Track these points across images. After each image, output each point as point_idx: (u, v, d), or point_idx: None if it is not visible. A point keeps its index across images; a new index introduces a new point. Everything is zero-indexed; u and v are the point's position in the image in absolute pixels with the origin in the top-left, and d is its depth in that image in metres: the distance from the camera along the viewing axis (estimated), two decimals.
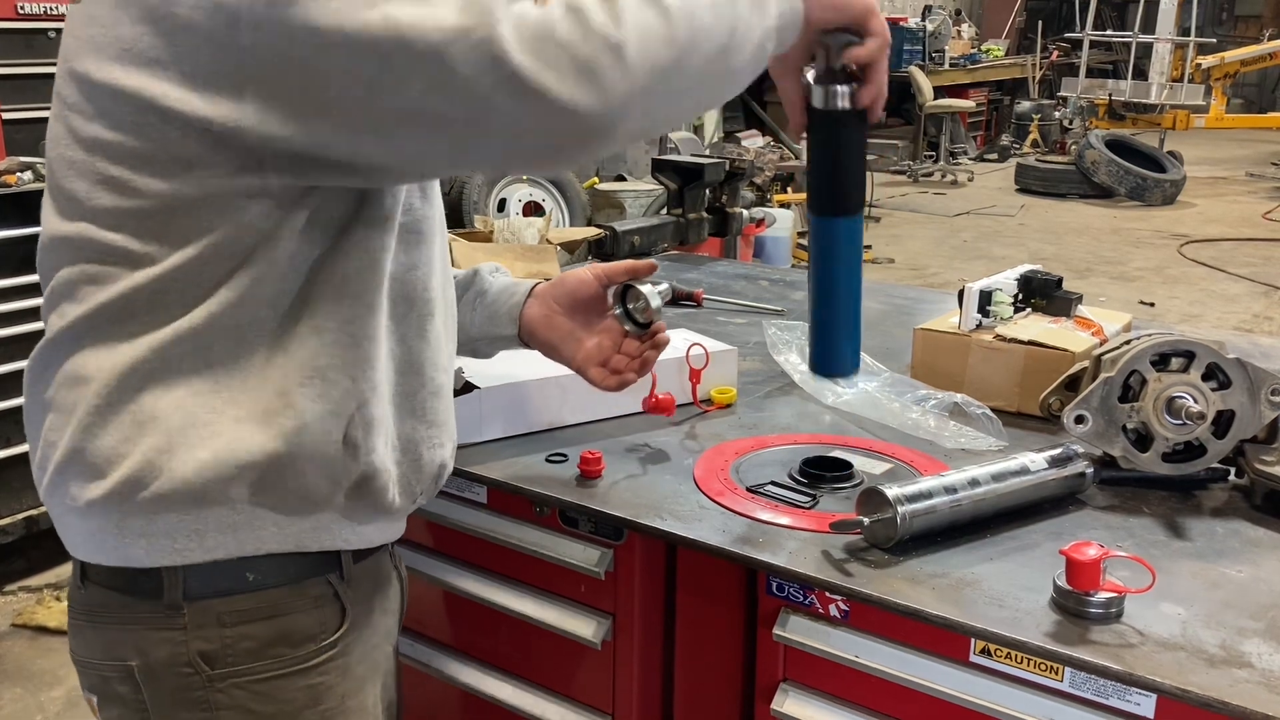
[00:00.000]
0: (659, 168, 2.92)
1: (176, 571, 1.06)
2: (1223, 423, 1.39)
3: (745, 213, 3.01)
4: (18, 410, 1.15)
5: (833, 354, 1.33)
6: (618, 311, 1.45)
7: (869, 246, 8.07)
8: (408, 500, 1.20)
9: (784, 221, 6.63)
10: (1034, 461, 1.36)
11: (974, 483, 1.30)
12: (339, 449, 1.08)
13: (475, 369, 1.59)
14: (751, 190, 6.71)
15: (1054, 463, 1.37)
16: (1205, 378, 1.39)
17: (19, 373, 1.15)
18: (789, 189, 8.23)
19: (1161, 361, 1.40)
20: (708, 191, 2.86)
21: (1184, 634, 1.10)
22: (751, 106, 9.81)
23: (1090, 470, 1.39)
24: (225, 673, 1.08)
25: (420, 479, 1.21)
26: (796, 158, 8.73)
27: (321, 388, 1.06)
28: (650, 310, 1.42)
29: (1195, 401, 1.37)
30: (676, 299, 2.31)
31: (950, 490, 1.28)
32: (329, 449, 1.07)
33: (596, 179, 6.70)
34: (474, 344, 1.50)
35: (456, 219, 5.74)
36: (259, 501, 1.06)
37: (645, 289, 1.41)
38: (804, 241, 7.72)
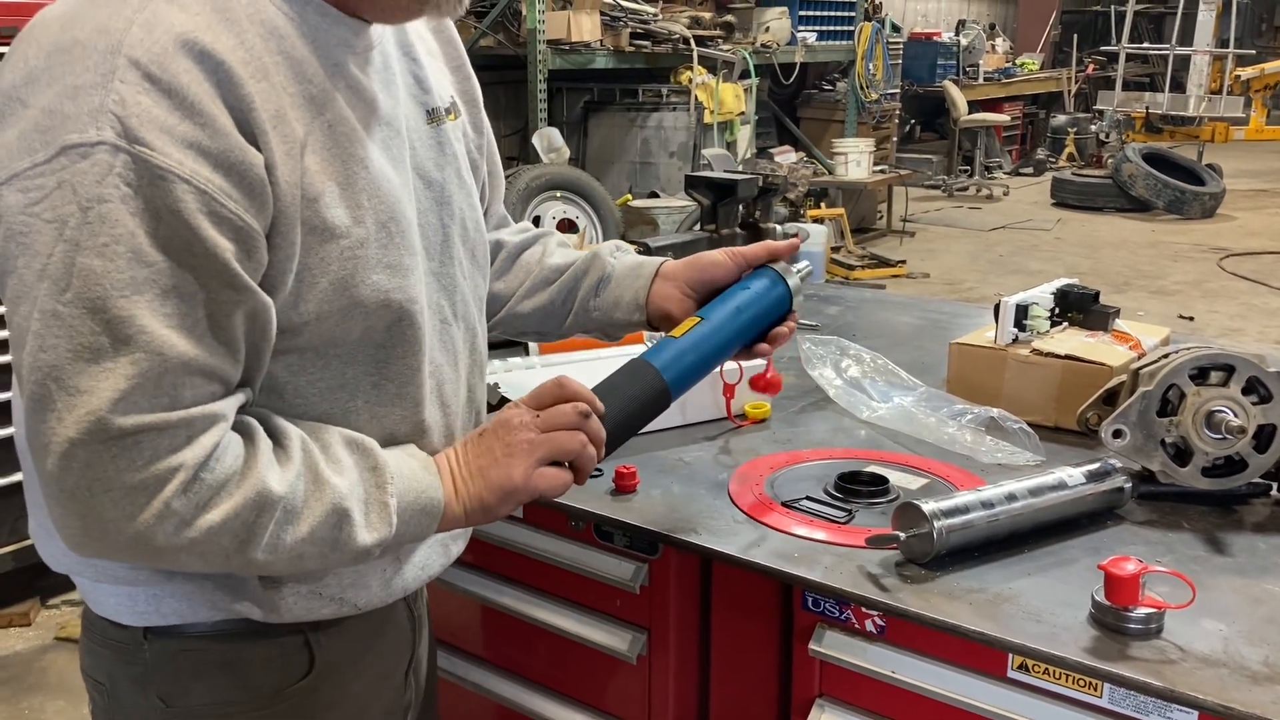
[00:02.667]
0: (692, 184, 2.93)
1: None
2: (1264, 437, 1.38)
3: (779, 228, 3.02)
4: None
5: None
6: None
7: (903, 261, 8.05)
8: (397, 564, 1.17)
9: (817, 237, 6.62)
10: (1071, 476, 1.35)
11: (1011, 497, 1.29)
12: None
13: (510, 382, 1.60)
14: (784, 205, 6.71)
15: (1091, 477, 1.36)
16: (1245, 392, 1.37)
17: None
18: (822, 204, 8.22)
19: (1201, 375, 1.39)
20: (741, 207, 2.87)
21: (1226, 650, 1.08)
22: (784, 122, 9.81)
23: (1128, 485, 1.38)
24: (180, 711, 1.10)
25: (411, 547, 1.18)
26: (830, 173, 8.72)
27: None
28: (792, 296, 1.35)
29: (1235, 415, 1.36)
30: None
31: (987, 505, 1.28)
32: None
33: (630, 196, 6.73)
34: (599, 329, 1.42)
35: None
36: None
37: (791, 279, 1.33)
38: (838, 257, 7.71)
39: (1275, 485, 1.43)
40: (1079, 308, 1.81)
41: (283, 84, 0.96)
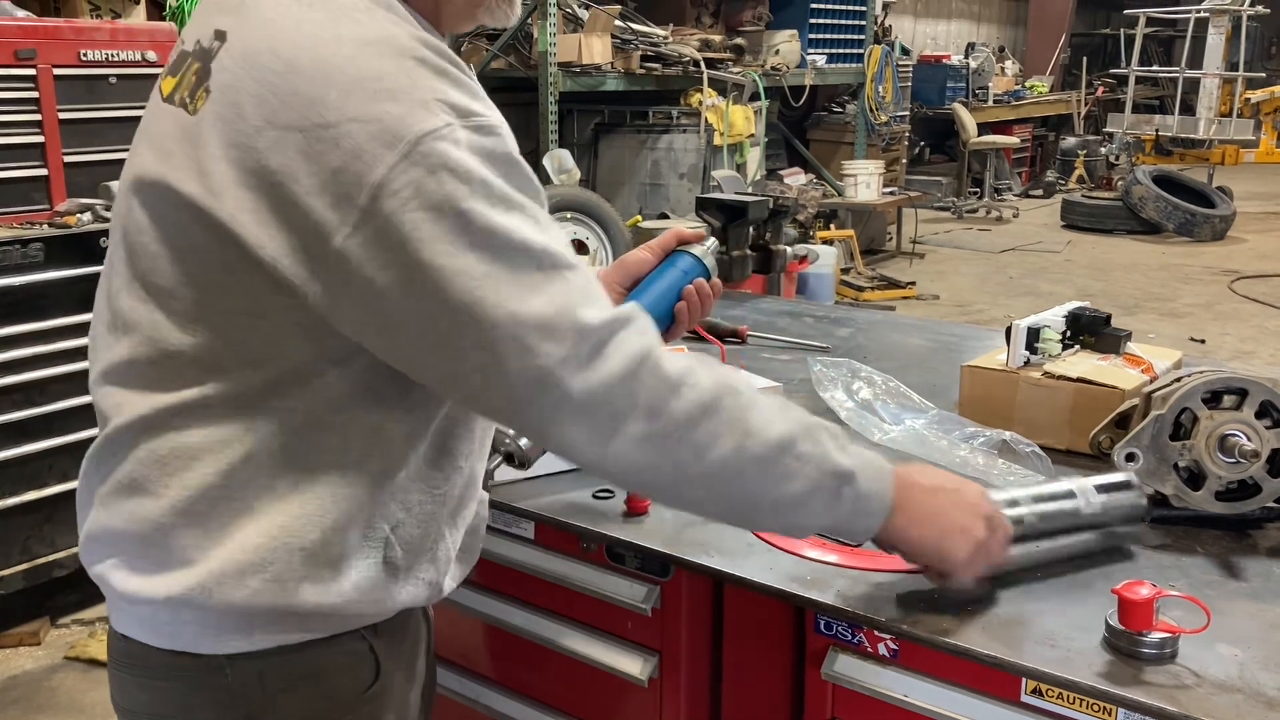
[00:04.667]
0: (703, 205, 2.93)
1: None
2: (1278, 461, 1.37)
3: (789, 250, 3.01)
4: (79, 446, 1.17)
5: None
6: None
7: (913, 283, 8.05)
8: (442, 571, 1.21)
9: (827, 258, 6.63)
10: (1083, 487, 1.35)
11: (1038, 499, 1.31)
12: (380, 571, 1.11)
13: None
14: (794, 227, 6.72)
15: (1106, 489, 1.35)
16: (1259, 415, 1.37)
17: (85, 407, 1.17)
18: (831, 226, 8.23)
19: (1213, 399, 1.39)
20: (751, 229, 2.87)
21: (1241, 676, 1.08)
22: (794, 144, 9.84)
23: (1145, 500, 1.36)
24: None
25: (456, 546, 1.22)
26: (839, 195, 8.73)
27: (364, 530, 1.09)
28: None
29: (1249, 439, 1.36)
30: (722, 336, 2.31)
31: (1012, 504, 1.29)
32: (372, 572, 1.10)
33: (640, 217, 6.75)
34: None
35: None
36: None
37: (697, 250, 1.48)
38: (847, 278, 7.72)
39: None
40: (1091, 330, 1.81)
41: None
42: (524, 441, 1.36)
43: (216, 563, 1.03)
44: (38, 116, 3.42)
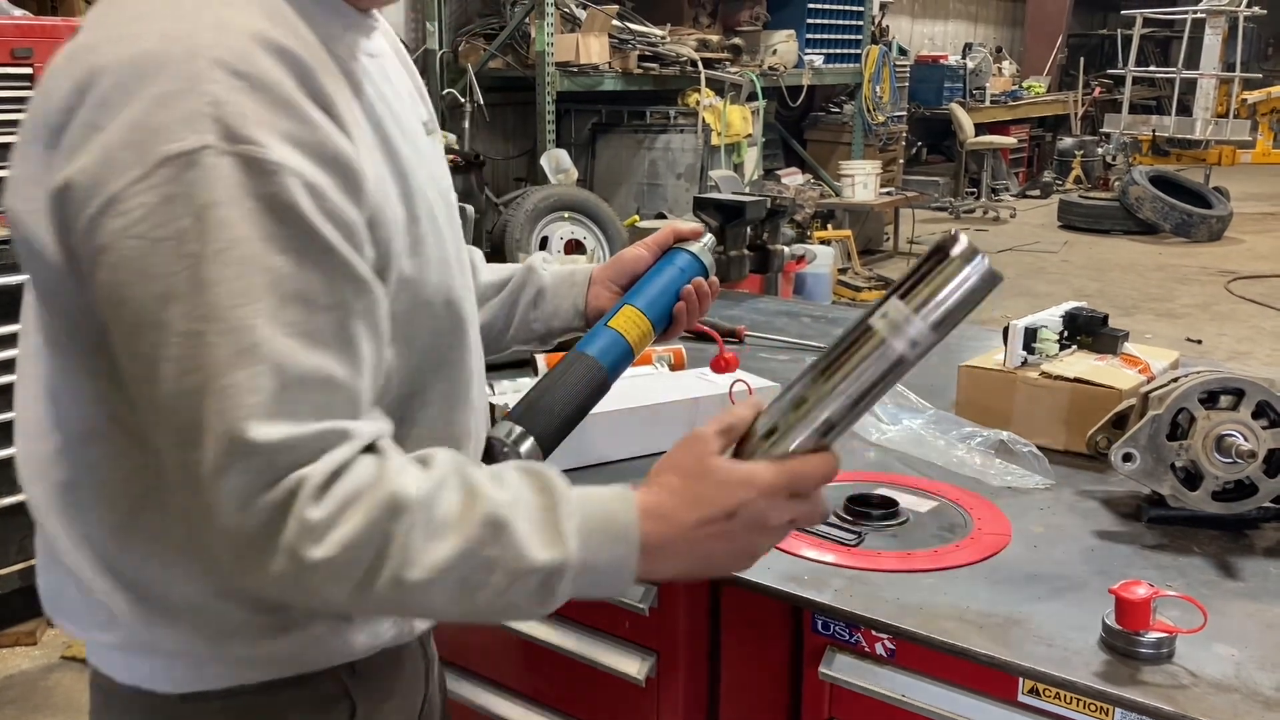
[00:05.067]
0: (700, 205, 2.93)
1: None
2: (1274, 461, 1.38)
3: (786, 250, 3.02)
4: None
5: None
6: None
7: None
8: None
9: (824, 258, 6.63)
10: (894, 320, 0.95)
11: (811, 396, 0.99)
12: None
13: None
14: (792, 227, 6.72)
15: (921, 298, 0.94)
16: (1256, 415, 1.37)
17: None
18: (829, 226, 8.23)
19: (1210, 399, 1.39)
20: (749, 229, 2.87)
21: (1238, 675, 1.08)
22: (792, 144, 9.84)
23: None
24: None
25: None
26: (837, 195, 8.74)
27: None
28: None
29: (1246, 439, 1.36)
30: (719, 336, 2.31)
31: (770, 434, 1.00)
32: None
33: (637, 217, 6.75)
34: (539, 339, 1.48)
35: (499, 256, 5.80)
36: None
37: (694, 247, 1.45)
38: (844, 278, 7.72)
39: None
40: (1088, 331, 1.81)
41: (335, 77, 0.94)
42: (526, 447, 1.22)
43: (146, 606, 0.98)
44: None
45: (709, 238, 1.48)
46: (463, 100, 6.73)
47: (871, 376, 0.95)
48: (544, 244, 6.12)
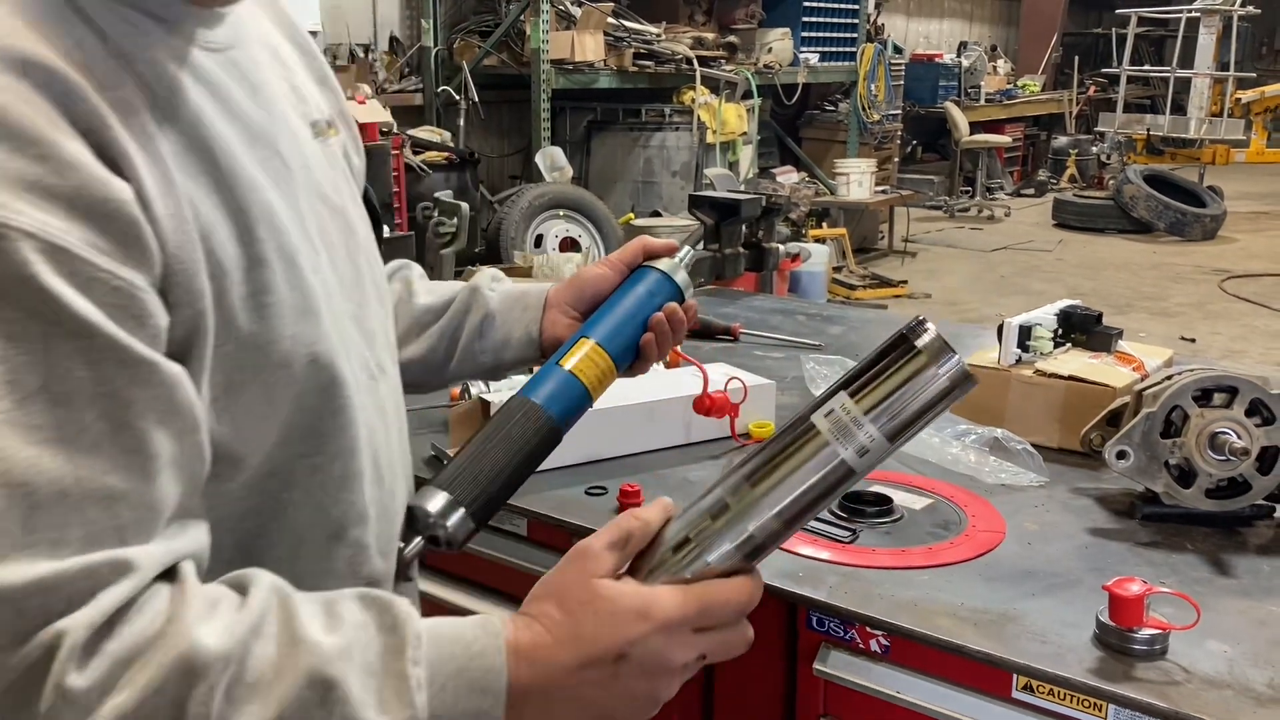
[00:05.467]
0: (696, 203, 2.94)
1: None
2: (1267, 459, 1.38)
3: (781, 248, 3.02)
4: None
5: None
6: None
7: (904, 282, 8.06)
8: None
9: (819, 256, 6.64)
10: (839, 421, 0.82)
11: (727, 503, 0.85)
12: None
13: None
14: (787, 225, 6.73)
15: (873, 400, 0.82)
16: (1249, 413, 1.38)
17: None
18: (824, 224, 8.24)
19: (1204, 397, 1.40)
20: (744, 227, 2.87)
21: (1231, 672, 1.08)
22: (787, 142, 9.85)
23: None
24: None
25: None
26: (832, 193, 8.75)
27: None
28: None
29: (1239, 437, 1.36)
30: (714, 334, 2.32)
31: (681, 546, 0.85)
32: None
33: (632, 215, 6.75)
34: (487, 373, 1.30)
35: (494, 255, 5.80)
36: None
37: (665, 265, 1.20)
38: (839, 277, 7.73)
39: (1279, 507, 1.43)
40: (1082, 329, 1.81)
41: (133, 90, 0.75)
42: (454, 520, 1.00)
43: None
44: None
45: (686, 251, 1.23)
46: (457, 98, 6.73)
47: (810, 487, 0.80)
48: (539, 242, 6.12)
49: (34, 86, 0.68)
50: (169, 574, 0.72)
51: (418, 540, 1.02)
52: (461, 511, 1.01)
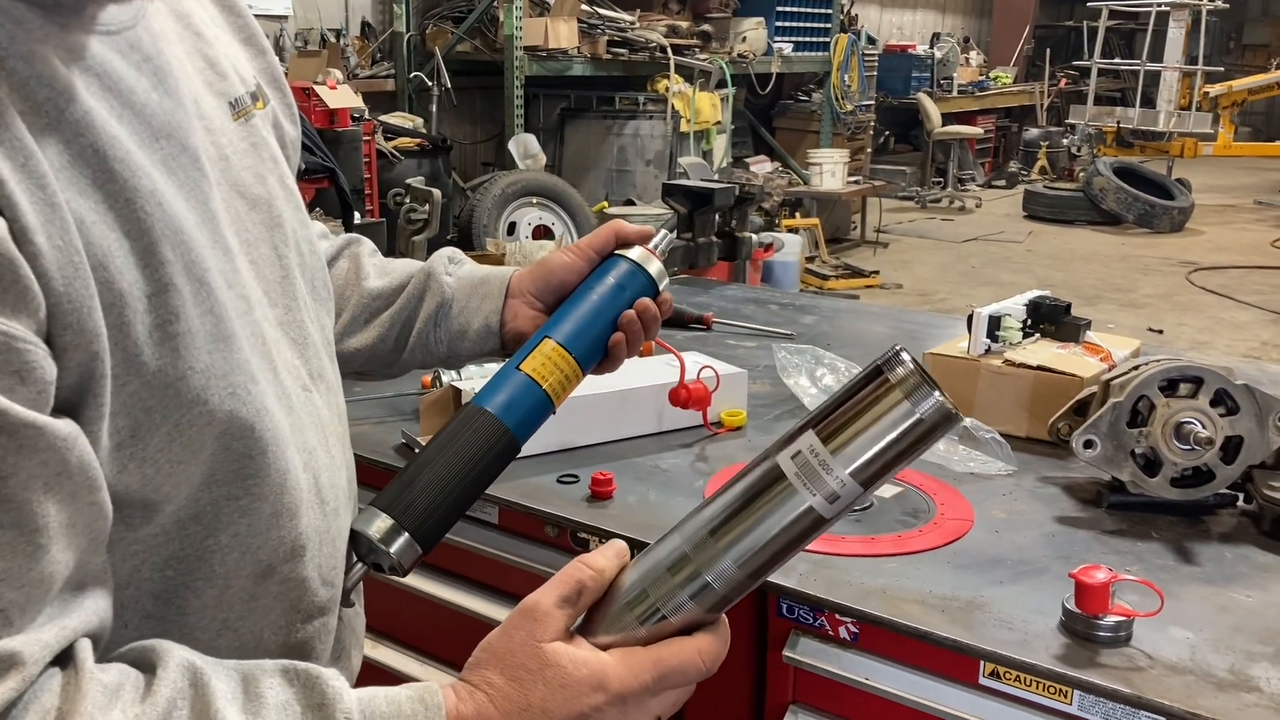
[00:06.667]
0: (669, 192, 2.94)
1: None
2: (1231, 448, 1.40)
3: (754, 237, 3.03)
4: None
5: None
6: None
7: (876, 272, 8.09)
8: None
9: (792, 246, 6.66)
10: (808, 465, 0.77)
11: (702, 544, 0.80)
12: None
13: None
14: (760, 215, 6.74)
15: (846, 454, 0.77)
16: (1214, 403, 1.39)
17: None
18: (797, 214, 8.26)
19: (1170, 387, 1.41)
20: (717, 216, 2.88)
21: (1193, 658, 1.10)
22: (760, 132, 9.86)
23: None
24: None
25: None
26: (805, 183, 8.76)
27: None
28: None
29: (1204, 427, 1.38)
30: (687, 323, 2.32)
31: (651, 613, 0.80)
32: None
33: (606, 203, 6.74)
34: (442, 362, 1.20)
35: (467, 242, 5.78)
36: None
37: (637, 255, 1.11)
38: (812, 267, 7.75)
39: (1242, 496, 1.45)
40: (1051, 319, 1.83)
41: (3, 96, 0.64)
42: (397, 546, 0.92)
43: None
44: None
45: (662, 237, 1.13)
46: (430, 84, 6.69)
47: (776, 538, 0.75)
48: (511, 229, 6.10)
49: None
50: (61, 657, 0.64)
51: (359, 567, 0.94)
52: (406, 537, 0.92)
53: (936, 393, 0.70)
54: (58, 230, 0.64)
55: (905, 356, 0.71)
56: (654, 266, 1.11)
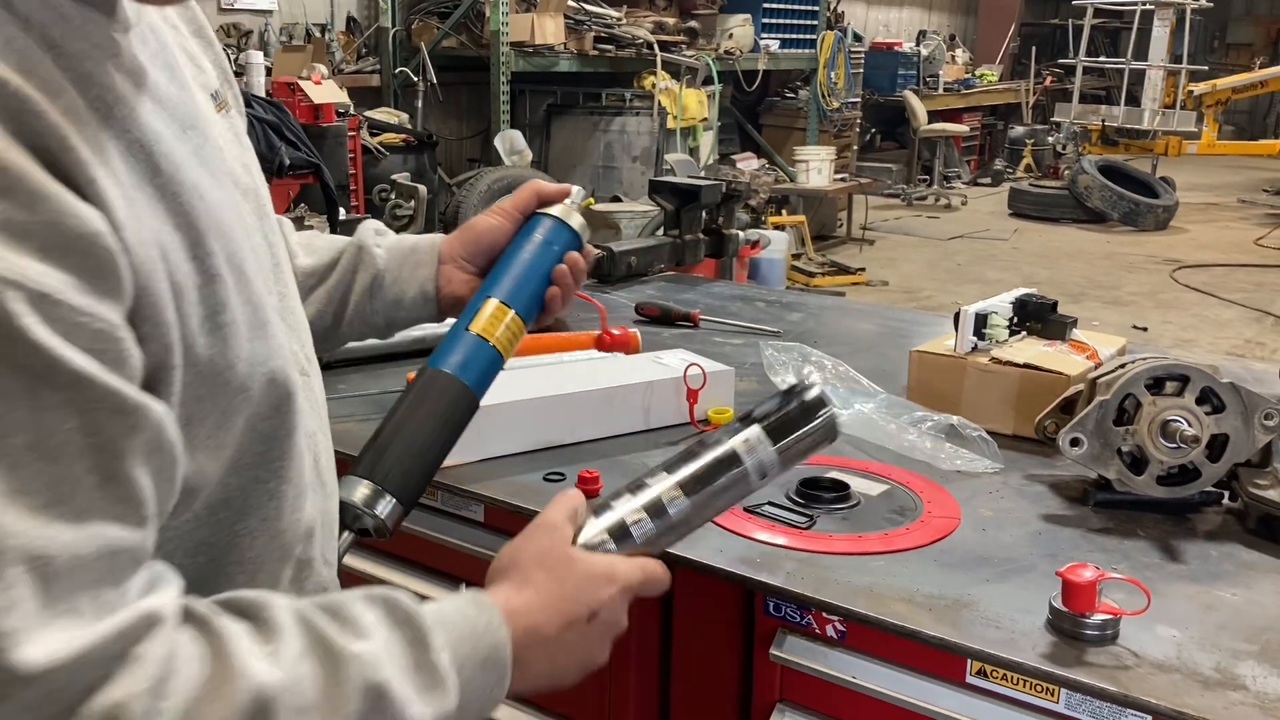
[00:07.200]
0: (656, 189, 2.93)
1: None
2: (1217, 446, 1.40)
3: (740, 234, 3.03)
4: None
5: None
6: None
7: (863, 269, 8.10)
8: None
9: (779, 243, 6.66)
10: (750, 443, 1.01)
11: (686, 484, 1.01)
12: None
13: None
14: (747, 212, 6.74)
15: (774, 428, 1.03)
16: (1199, 402, 1.40)
17: None
18: (783, 211, 8.26)
19: (1156, 385, 1.41)
20: (704, 213, 2.87)
21: (1179, 656, 1.10)
22: (747, 129, 9.85)
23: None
24: None
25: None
26: (791, 180, 8.77)
27: None
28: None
29: (1190, 425, 1.38)
30: (673, 320, 2.31)
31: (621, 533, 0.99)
32: None
33: (592, 200, 6.73)
34: (379, 332, 1.24)
35: None
36: None
37: (559, 211, 1.19)
38: (798, 264, 7.75)
39: (1227, 494, 1.45)
40: (1037, 317, 1.83)
41: (74, 93, 0.66)
42: (382, 508, 0.99)
43: None
44: None
45: (578, 191, 1.21)
46: (415, 79, 6.67)
47: (722, 488, 1.00)
48: None
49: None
50: (185, 616, 0.69)
51: (346, 535, 0.99)
52: (389, 499, 0.99)
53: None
54: (136, 225, 0.67)
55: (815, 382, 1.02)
56: (576, 220, 1.19)
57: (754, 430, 1.00)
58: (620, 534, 0.96)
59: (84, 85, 0.67)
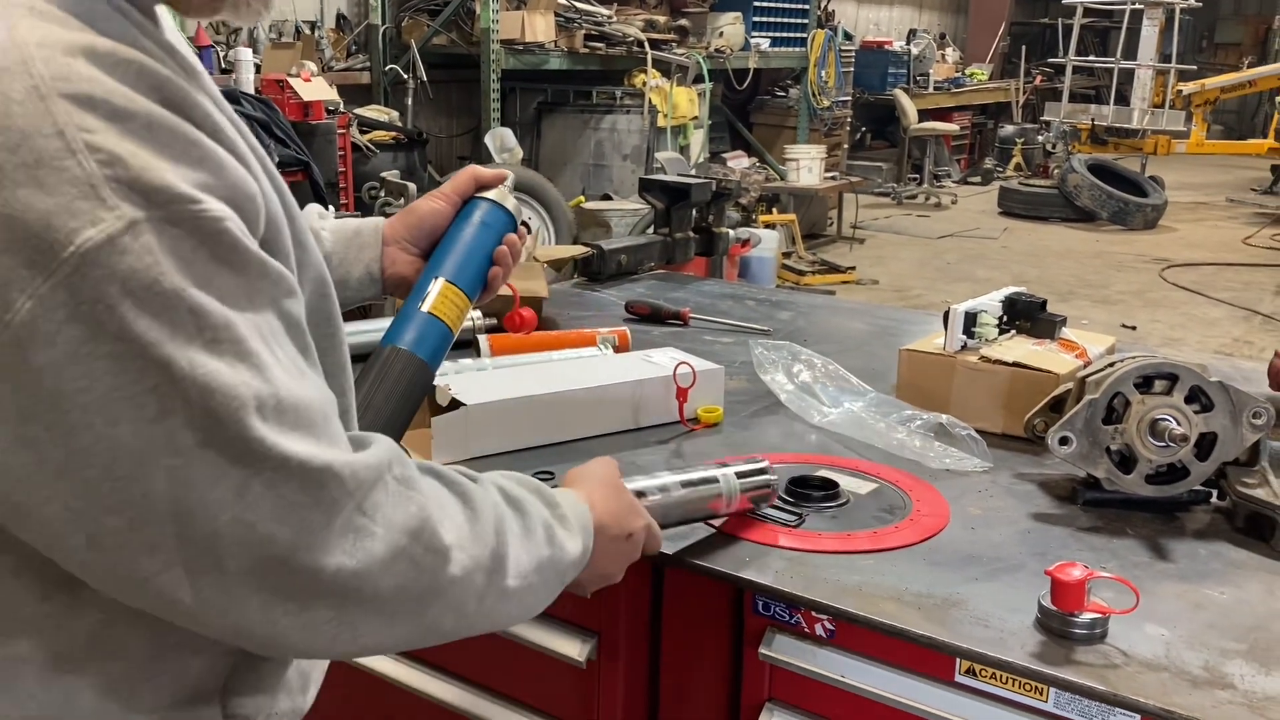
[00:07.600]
0: (646, 187, 2.93)
1: None
2: (1205, 445, 1.40)
3: (731, 233, 3.03)
4: None
5: None
6: None
7: (853, 268, 8.11)
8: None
9: (769, 242, 6.66)
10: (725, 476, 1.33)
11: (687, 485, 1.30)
12: None
13: (462, 385, 1.59)
14: (737, 210, 6.74)
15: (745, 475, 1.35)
16: (1188, 400, 1.40)
17: None
18: (774, 210, 8.27)
19: (1145, 384, 1.41)
20: (694, 211, 2.87)
21: (1168, 655, 1.10)
22: (737, 127, 9.85)
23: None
24: None
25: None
26: (782, 179, 8.77)
27: None
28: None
29: (1178, 424, 1.38)
30: (664, 318, 2.31)
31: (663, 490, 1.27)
32: None
33: (583, 198, 6.73)
34: None
35: None
36: None
37: (495, 195, 1.29)
38: (789, 262, 7.76)
39: (1215, 493, 1.45)
40: (1026, 316, 1.83)
41: (181, 77, 0.77)
42: None
43: None
44: None
45: (511, 178, 1.31)
46: (405, 77, 6.65)
47: (700, 499, 1.29)
48: None
49: (137, 82, 0.70)
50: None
51: None
52: None
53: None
54: (266, 199, 0.79)
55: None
56: (511, 203, 1.29)
57: (729, 470, 1.32)
58: (638, 495, 1.19)
59: (183, 67, 0.79)
